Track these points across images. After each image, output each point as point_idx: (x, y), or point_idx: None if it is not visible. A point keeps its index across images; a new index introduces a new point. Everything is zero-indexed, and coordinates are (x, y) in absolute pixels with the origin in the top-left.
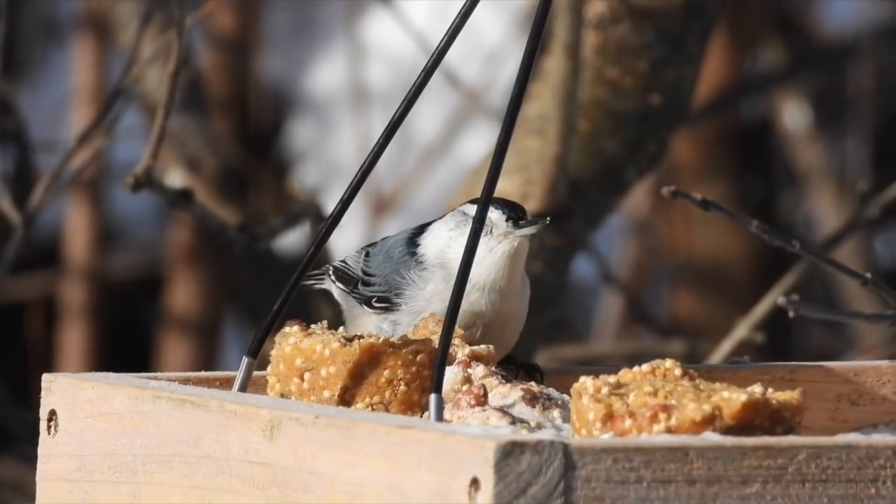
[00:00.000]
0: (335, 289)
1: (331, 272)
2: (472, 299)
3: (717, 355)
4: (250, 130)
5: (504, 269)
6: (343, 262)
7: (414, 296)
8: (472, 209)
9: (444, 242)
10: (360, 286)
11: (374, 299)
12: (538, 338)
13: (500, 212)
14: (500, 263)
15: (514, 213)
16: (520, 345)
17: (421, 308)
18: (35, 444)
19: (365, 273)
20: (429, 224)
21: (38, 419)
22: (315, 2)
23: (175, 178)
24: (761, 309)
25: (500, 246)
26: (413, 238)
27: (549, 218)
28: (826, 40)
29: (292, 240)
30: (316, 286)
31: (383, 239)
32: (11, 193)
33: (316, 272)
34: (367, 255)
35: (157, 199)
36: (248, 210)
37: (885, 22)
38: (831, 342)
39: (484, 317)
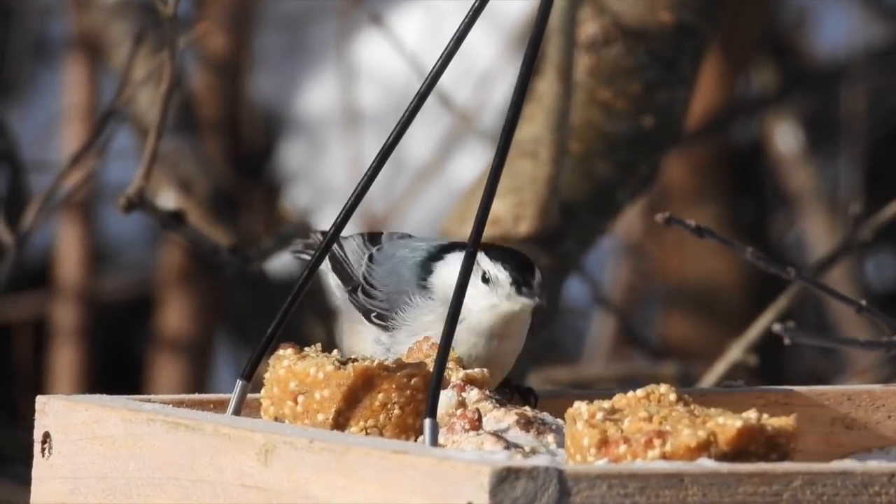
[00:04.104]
0: (331, 278)
1: (328, 260)
2: (471, 343)
3: (711, 377)
4: (242, 152)
5: (506, 324)
6: (342, 251)
7: (415, 318)
8: (486, 261)
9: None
10: (359, 293)
11: (373, 314)
12: (530, 360)
13: (508, 273)
14: (503, 319)
15: (521, 276)
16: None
17: (419, 330)
18: (27, 465)
19: (367, 282)
20: (446, 248)
21: (31, 441)
22: (307, 23)
23: (167, 199)
24: (755, 331)
25: (502, 305)
26: (427, 262)
27: (542, 302)
28: (818, 62)
29: (284, 261)
30: (300, 257)
31: (389, 238)
32: (3, 214)
33: (303, 244)
34: (370, 258)
35: (148, 220)
36: (239, 231)
37: (876, 44)
38: (824, 365)
39: (480, 358)
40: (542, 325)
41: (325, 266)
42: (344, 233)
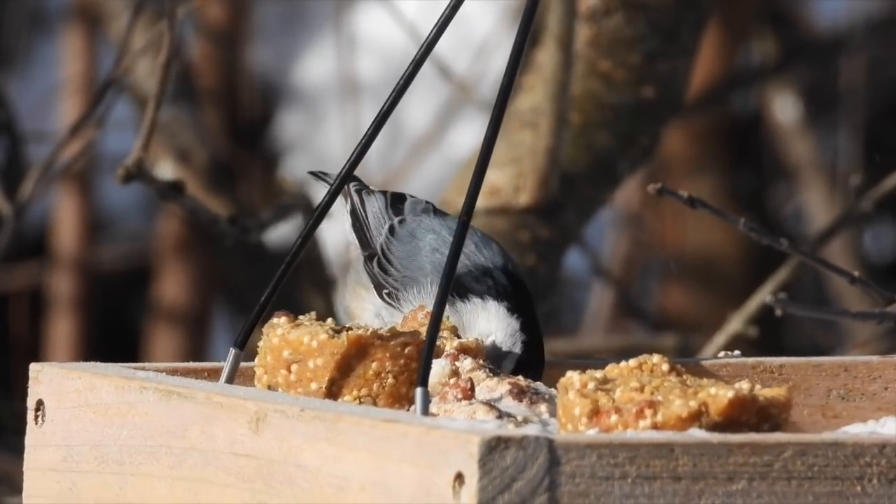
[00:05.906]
0: (347, 223)
1: (348, 215)
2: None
3: (710, 349)
4: (240, 122)
5: None
6: (363, 210)
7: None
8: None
9: (484, 330)
10: (375, 265)
11: (385, 290)
12: None
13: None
14: None
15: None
16: None
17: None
18: (21, 434)
19: (385, 256)
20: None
21: (25, 409)
22: None
23: (165, 169)
24: (755, 302)
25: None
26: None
27: None
28: (818, 33)
29: (282, 232)
30: (318, 180)
31: (413, 207)
32: (1, 184)
33: (325, 174)
34: (391, 230)
35: (146, 190)
36: (237, 202)
37: (876, 15)
38: (823, 337)
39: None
40: (543, 296)
41: (344, 215)
42: (340, 203)
